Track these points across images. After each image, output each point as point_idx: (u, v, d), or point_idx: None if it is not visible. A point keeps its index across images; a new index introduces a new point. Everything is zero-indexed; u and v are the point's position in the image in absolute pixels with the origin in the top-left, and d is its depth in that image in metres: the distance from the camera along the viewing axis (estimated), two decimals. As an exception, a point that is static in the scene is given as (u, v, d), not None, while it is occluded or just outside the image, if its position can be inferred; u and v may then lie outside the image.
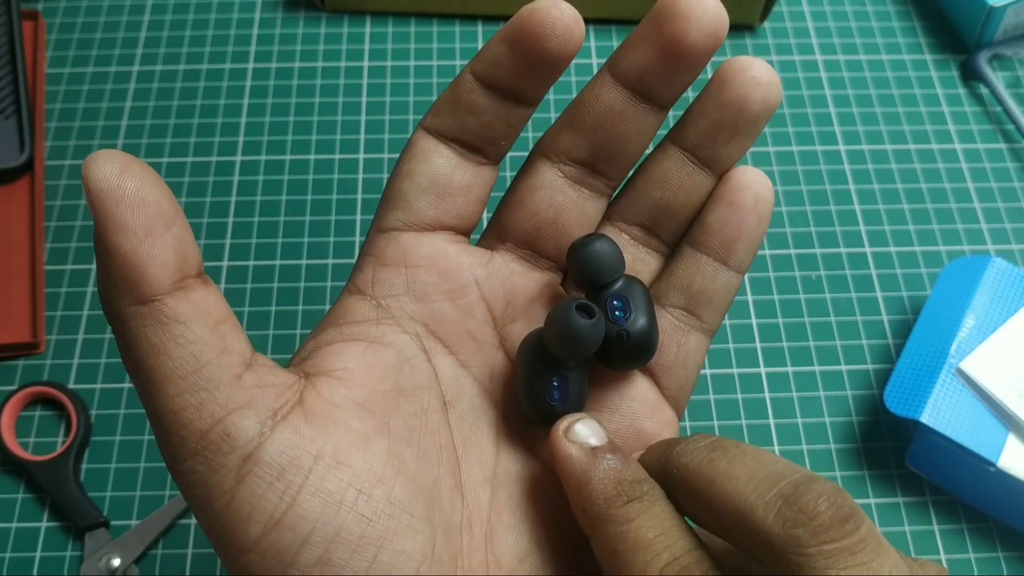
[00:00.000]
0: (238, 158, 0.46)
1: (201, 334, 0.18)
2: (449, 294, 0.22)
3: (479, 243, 0.24)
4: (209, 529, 0.18)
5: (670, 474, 0.20)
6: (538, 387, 0.21)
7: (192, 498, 0.18)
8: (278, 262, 0.43)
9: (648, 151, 0.23)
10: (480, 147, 0.22)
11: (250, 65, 0.49)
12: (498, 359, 0.23)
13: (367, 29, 0.50)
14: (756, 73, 0.21)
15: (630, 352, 0.22)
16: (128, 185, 0.17)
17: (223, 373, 0.18)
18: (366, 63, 0.49)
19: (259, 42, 0.50)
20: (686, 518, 0.20)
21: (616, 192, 0.24)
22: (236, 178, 0.45)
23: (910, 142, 0.47)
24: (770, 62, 0.50)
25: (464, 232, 0.23)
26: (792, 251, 0.44)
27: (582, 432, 0.21)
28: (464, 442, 0.22)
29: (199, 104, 0.47)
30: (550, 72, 0.21)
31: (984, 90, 0.49)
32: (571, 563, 0.21)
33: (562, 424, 0.21)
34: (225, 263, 0.43)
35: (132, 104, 0.47)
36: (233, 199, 0.44)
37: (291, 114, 0.47)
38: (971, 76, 0.49)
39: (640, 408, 0.23)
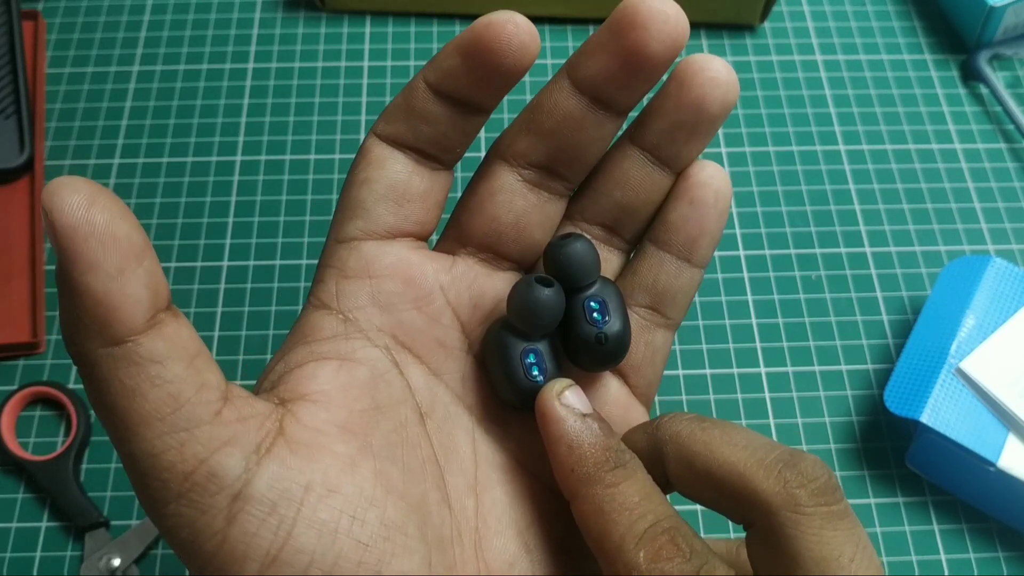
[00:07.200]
0: (238, 158, 0.46)
1: (178, 372, 0.17)
2: (415, 302, 0.22)
3: (437, 247, 0.23)
4: (199, 572, 0.18)
5: (660, 442, 0.21)
6: (513, 366, 0.21)
7: (179, 542, 0.18)
8: (278, 262, 0.43)
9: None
10: (435, 154, 0.22)
11: (250, 65, 0.49)
12: (468, 363, 0.23)
13: (367, 29, 0.50)
14: (715, 73, 0.21)
15: (607, 355, 0.22)
16: (98, 219, 0.16)
17: (203, 411, 0.18)
18: (366, 63, 0.49)
19: (259, 42, 0.50)
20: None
21: (575, 192, 0.24)
22: (236, 178, 0.45)
23: (910, 142, 0.47)
24: (770, 62, 0.50)
25: (423, 238, 0.23)
26: (792, 251, 0.44)
27: (572, 399, 0.21)
28: (444, 452, 0.22)
29: (199, 104, 0.47)
30: (505, 85, 0.21)
31: (984, 90, 0.49)
32: (559, 563, 0.22)
33: (555, 387, 0.21)
34: (225, 263, 0.43)
35: (132, 104, 0.47)
36: (233, 199, 0.44)
37: (291, 114, 0.47)
38: (971, 76, 0.49)
39: (613, 409, 0.23)
